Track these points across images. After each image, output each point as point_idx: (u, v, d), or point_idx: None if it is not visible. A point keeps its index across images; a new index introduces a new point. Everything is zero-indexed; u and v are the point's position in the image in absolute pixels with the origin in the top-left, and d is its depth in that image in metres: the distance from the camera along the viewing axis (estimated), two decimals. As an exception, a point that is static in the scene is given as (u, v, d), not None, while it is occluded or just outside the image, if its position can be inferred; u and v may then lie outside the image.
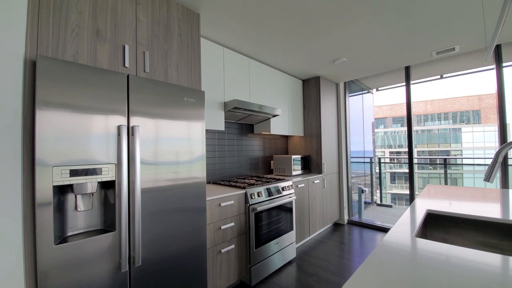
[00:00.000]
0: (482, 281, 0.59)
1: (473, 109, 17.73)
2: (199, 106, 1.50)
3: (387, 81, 3.86)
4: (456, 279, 0.60)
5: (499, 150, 0.84)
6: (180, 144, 1.40)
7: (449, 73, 3.32)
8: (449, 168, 13.81)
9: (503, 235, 1.09)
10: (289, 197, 2.41)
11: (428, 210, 1.26)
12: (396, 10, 1.78)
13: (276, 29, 2.00)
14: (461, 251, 0.75)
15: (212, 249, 1.74)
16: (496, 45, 2.48)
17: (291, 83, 3.22)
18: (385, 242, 0.84)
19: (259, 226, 2.07)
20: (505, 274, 0.62)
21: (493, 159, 0.85)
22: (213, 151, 2.47)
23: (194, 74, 1.62)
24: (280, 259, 2.31)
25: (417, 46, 2.42)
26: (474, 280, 0.59)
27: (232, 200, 1.88)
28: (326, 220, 3.32)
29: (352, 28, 2.03)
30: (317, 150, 3.27)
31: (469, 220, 1.18)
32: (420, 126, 19.68)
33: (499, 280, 0.59)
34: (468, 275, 0.62)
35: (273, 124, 2.81)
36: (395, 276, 0.62)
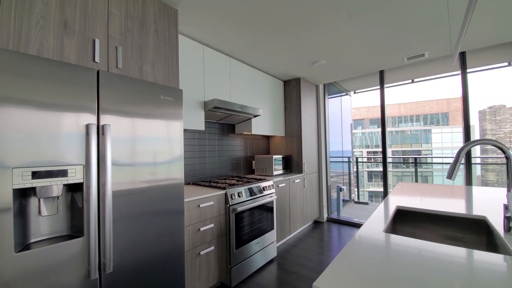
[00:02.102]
0: (445, 273, 0.63)
1: (442, 112, 19.11)
2: (176, 105, 1.46)
3: (364, 84, 4.03)
4: (420, 270, 0.63)
5: (460, 149, 0.91)
6: (156, 144, 1.35)
7: (420, 78, 3.54)
8: (420, 167, 14.79)
9: (467, 228, 1.18)
10: (270, 196, 2.43)
11: (397, 207, 1.33)
12: (371, 16, 1.86)
13: (256, 29, 2.00)
14: (419, 244, 0.80)
15: (191, 251, 1.70)
16: (461, 52, 2.69)
17: (273, 84, 3.25)
18: (356, 238, 0.87)
19: (239, 227, 2.06)
20: (470, 266, 0.66)
21: (454, 158, 0.91)
22: (193, 151, 2.42)
23: (172, 72, 1.57)
24: (261, 258, 2.31)
25: (390, 51, 2.55)
26: (431, 271, 0.63)
27: (212, 201, 1.86)
28: (306, 218, 3.39)
29: (330, 32, 2.09)
30: (297, 150, 3.33)
31: (436, 215, 1.26)
32: (394, 128, 20.84)
33: (464, 272, 0.63)
34: (423, 265, 0.66)
35: (255, 124, 2.81)
36: (364, 270, 0.64)
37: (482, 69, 3.06)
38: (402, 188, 1.87)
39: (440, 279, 0.59)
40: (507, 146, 0.87)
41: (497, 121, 16.69)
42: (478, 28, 2.09)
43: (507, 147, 0.85)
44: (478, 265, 0.66)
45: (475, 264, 0.67)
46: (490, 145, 0.84)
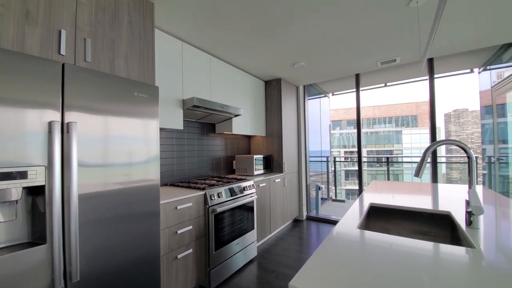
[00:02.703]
0: (414, 266, 0.66)
1: (412, 114, 20.50)
2: (152, 103, 1.39)
3: (342, 86, 4.18)
4: (392, 264, 0.66)
5: (426, 149, 0.97)
6: (130, 143, 1.28)
7: (392, 82, 3.75)
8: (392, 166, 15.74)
9: (433, 223, 1.26)
10: (250, 196, 2.42)
11: (371, 204, 1.39)
12: (348, 22, 1.93)
13: (236, 28, 1.98)
14: (391, 239, 0.84)
15: (167, 255, 1.64)
16: (430, 58, 2.89)
17: (254, 84, 3.24)
18: (331, 236, 0.89)
19: (219, 228, 2.03)
20: (436, 259, 0.70)
21: (421, 157, 0.97)
22: (170, 151, 2.33)
23: (147, 67, 1.50)
24: (241, 259, 2.30)
25: (365, 55, 2.67)
26: (396, 263, 0.66)
27: (190, 202, 1.80)
28: (287, 217, 3.43)
29: (309, 34, 2.13)
30: (278, 150, 3.36)
31: (405, 211, 1.33)
32: (369, 129, 21.98)
33: (431, 265, 0.67)
34: (394, 260, 0.69)
35: (235, 124, 2.79)
36: (338, 267, 0.65)
37: (448, 74, 3.31)
38: (375, 186, 1.96)
39: (410, 273, 0.62)
40: (468, 146, 0.94)
41: (460, 123, 18.26)
42: (444, 36, 2.25)
43: (469, 147, 0.92)
44: (444, 258, 0.71)
45: (441, 257, 0.71)
46: (454, 145, 0.91)
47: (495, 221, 1.03)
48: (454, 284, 0.57)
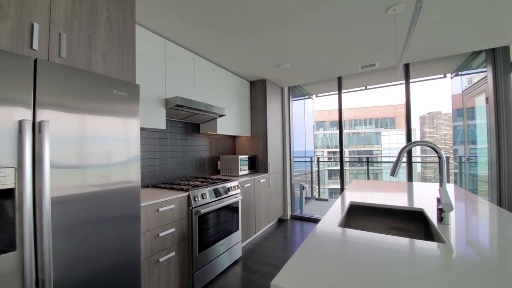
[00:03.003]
0: (390, 261, 0.69)
1: (390, 117, 21.51)
2: (132, 101, 1.35)
3: (325, 88, 4.30)
4: (370, 259, 0.69)
5: (401, 150, 1.02)
6: (108, 144, 1.23)
7: (372, 85, 3.91)
8: (372, 165, 16.39)
9: (408, 219, 1.33)
10: (235, 197, 2.41)
11: (351, 202, 1.44)
12: (330, 27, 1.99)
13: (222, 28, 1.97)
14: (369, 236, 0.88)
15: (148, 259, 1.59)
16: (406, 64, 3.04)
17: (239, 84, 3.24)
18: (313, 234, 0.91)
19: (203, 229, 2.00)
20: (411, 254, 0.74)
21: (397, 157, 1.02)
22: (152, 152, 2.27)
23: (127, 65, 1.45)
24: (225, 260, 2.28)
25: (346, 59, 2.76)
26: (376, 258, 0.69)
27: (173, 204, 1.76)
28: (271, 217, 3.46)
29: (294, 37, 2.17)
30: (263, 150, 3.38)
31: (383, 208, 1.39)
32: (351, 130, 22.76)
33: (406, 259, 0.70)
34: (373, 255, 0.72)
35: (220, 124, 2.77)
36: (320, 264, 0.67)
37: (423, 79, 3.51)
38: (356, 185, 2.03)
39: (386, 267, 0.65)
40: (439, 147, 1.00)
41: (434, 125, 19.43)
42: (419, 43, 2.39)
43: (439, 148, 0.98)
44: (417, 252, 0.75)
45: (414, 252, 0.75)
46: (426, 146, 0.97)
47: (465, 217, 1.11)
48: (426, 277, 0.61)
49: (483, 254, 0.73)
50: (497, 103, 2.50)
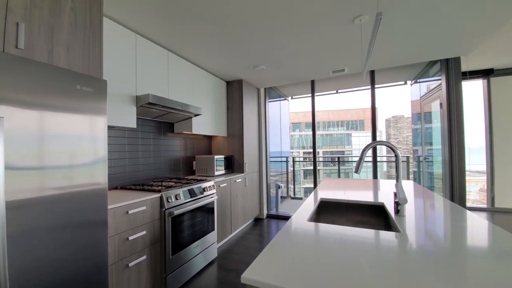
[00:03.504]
0: (353, 250, 0.75)
1: (359, 119, 22.90)
2: (99, 98, 1.28)
3: (300, 91, 4.45)
4: (336, 249, 0.74)
5: (363, 149, 1.11)
6: (71, 142, 1.15)
7: (342, 89, 4.14)
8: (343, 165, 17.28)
9: (372, 213, 1.44)
10: (210, 197, 2.39)
11: (321, 199, 1.52)
12: (302, 33, 2.07)
13: (197, 28, 1.94)
14: (335, 228, 0.94)
15: (117, 264, 1.52)
16: (371, 70, 3.27)
17: (215, 83, 3.21)
18: (283, 229, 0.95)
19: (177, 231, 1.95)
20: (371, 243, 0.81)
21: (359, 156, 1.10)
22: (122, 152, 2.16)
23: (93, 59, 1.37)
24: (201, 261, 2.25)
25: (318, 64, 2.89)
26: (342, 248, 0.75)
27: (144, 205, 1.70)
28: (248, 216, 3.48)
29: (268, 40, 2.21)
30: (239, 150, 3.39)
31: (349, 204, 1.49)
32: (325, 131, 23.75)
33: (368, 248, 0.77)
34: (337, 246, 0.78)
35: (195, 124, 2.72)
36: (288, 255, 0.71)
37: (387, 85, 3.80)
38: (326, 183, 2.14)
39: (349, 255, 0.71)
40: (402, 147, 1.10)
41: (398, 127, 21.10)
42: (383, 52, 2.58)
43: (396, 148, 1.08)
44: (377, 241, 0.82)
45: (375, 241, 0.83)
46: (384, 146, 1.06)
47: (418, 210, 1.23)
48: (384, 261, 0.67)
49: (432, 240, 0.83)
50: (449, 108, 2.80)
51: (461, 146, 2.74)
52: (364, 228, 0.94)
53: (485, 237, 0.86)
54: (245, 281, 0.61)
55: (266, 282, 0.58)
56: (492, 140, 3.99)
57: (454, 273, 0.61)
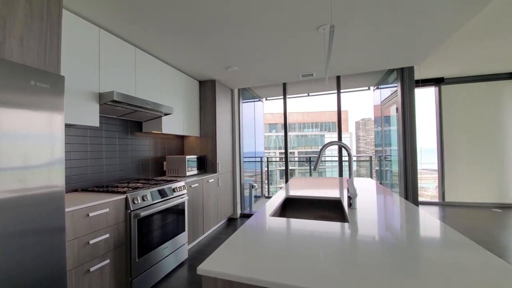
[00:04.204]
0: (311, 241, 0.82)
1: (332, 121, 24.02)
2: (55, 94, 1.21)
3: (273, 92, 4.55)
4: (293, 241, 0.81)
5: (320, 149, 1.20)
6: (23, 142, 1.08)
7: (313, 92, 4.33)
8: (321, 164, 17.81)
9: (332, 208, 1.55)
10: (181, 198, 2.36)
11: (286, 196, 1.60)
12: (271, 38, 2.16)
13: (166, 27, 1.92)
14: (294, 222, 1.02)
15: (77, 269, 1.44)
16: (338, 76, 3.48)
17: (188, 83, 3.17)
18: (244, 224, 1.00)
19: (144, 233, 1.90)
20: (325, 232, 0.89)
21: (317, 155, 1.20)
22: (83, 152, 2.04)
23: (50, 53, 1.29)
24: (170, 263, 2.21)
25: (288, 68, 3.01)
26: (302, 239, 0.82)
27: (107, 207, 1.64)
28: (221, 216, 3.49)
29: (237, 43, 2.26)
30: (212, 151, 3.38)
31: (312, 200, 1.59)
32: (300, 132, 24.53)
33: (324, 238, 0.84)
34: (295, 237, 0.85)
35: (165, 123, 2.66)
36: (245, 247, 0.76)
37: (352, 90, 4.07)
38: (296, 182, 2.25)
39: (304, 245, 0.78)
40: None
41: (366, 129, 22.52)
42: (346, 59, 2.78)
43: (349, 147, 1.20)
44: (333, 231, 0.90)
45: (331, 231, 0.91)
46: (338, 145, 1.16)
47: (369, 203, 1.36)
48: (334, 246, 0.75)
49: (374, 229, 0.93)
50: (404, 112, 3.09)
51: (413, 147, 3.04)
52: (319, 221, 1.03)
53: (419, 226, 0.99)
54: (201, 272, 0.64)
55: (219, 271, 0.62)
56: (442, 142, 4.48)
57: (390, 257, 0.70)
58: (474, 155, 4.31)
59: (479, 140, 4.30)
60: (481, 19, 2.23)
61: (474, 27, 2.40)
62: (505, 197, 4.16)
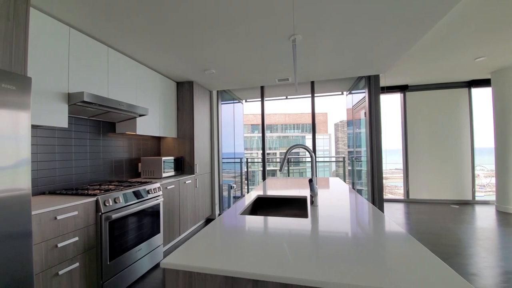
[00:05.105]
0: (277, 235, 0.91)
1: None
2: (22, 96, 1.19)
3: (253, 95, 4.66)
4: (258, 236, 0.89)
5: (286, 151, 1.31)
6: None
7: (291, 96, 4.50)
8: (297, 165, 18.35)
9: (301, 206, 1.66)
10: (155, 199, 2.36)
11: (258, 195, 1.69)
12: (248, 44, 2.24)
13: (139, 26, 1.93)
14: (260, 219, 1.10)
15: (44, 273, 1.41)
16: (312, 81, 3.66)
17: (164, 84, 3.16)
18: (213, 222, 1.07)
19: (115, 236, 1.89)
20: (302, 229, 0.98)
21: (283, 157, 1.30)
22: (51, 153, 1.98)
23: (17, 53, 1.27)
24: (145, 265, 2.20)
25: (265, 72, 3.12)
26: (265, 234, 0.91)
27: (76, 210, 1.61)
28: (198, 217, 3.50)
29: (213, 47, 2.32)
30: (190, 152, 3.39)
31: (282, 198, 1.70)
32: (282, 133, 24.93)
33: (285, 231, 0.93)
34: (260, 233, 0.93)
35: (141, 124, 2.64)
36: (209, 244, 0.82)
37: (325, 94, 4.29)
38: (271, 182, 2.35)
39: (264, 239, 0.86)
40: (311, 149, 1.33)
41: (344, 131, 23.50)
42: (319, 67, 2.94)
43: (311, 150, 1.31)
44: (296, 226, 1.00)
45: (295, 226, 1.00)
46: (302, 148, 1.27)
47: (332, 200, 1.49)
48: (289, 238, 0.84)
49: (332, 223, 1.05)
50: (371, 117, 3.34)
51: (379, 148, 3.29)
52: (281, 217, 1.13)
53: (371, 220, 1.13)
54: (164, 265, 0.70)
55: (180, 264, 0.69)
56: (407, 144, 4.86)
57: (339, 247, 0.81)
58: (435, 156, 4.73)
59: (439, 142, 4.72)
60: (438, 34, 2.49)
61: (432, 41, 2.67)
62: (461, 194, 4.61)
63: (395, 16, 1.82)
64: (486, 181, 6.15)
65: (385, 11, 1.75)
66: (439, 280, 0.57)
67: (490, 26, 2.36)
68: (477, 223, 3.39)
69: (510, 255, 2.41)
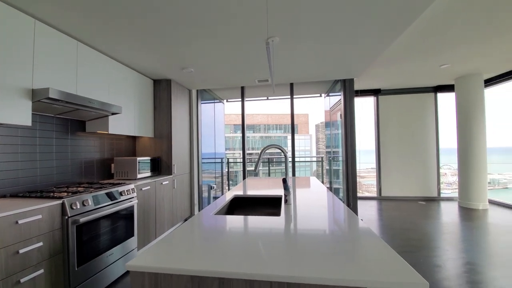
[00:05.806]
0: (252, 234, 0.92)
1: (294, 124, 25.34)
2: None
3: (234, 95, 4.65)
4: (227, 231, 0.90)
5: (260, 151, 1.33)
6: None
7: (271, 97, 4.56)
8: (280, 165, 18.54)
9: (276, 204, 1.70)
10: (129, 201, 2.28)
11: (234, 195, 1.70)
12: (227, 46, 2.24)
13: (111, 21, 1.85)
14: (234, 218, 1.12)
15: (5, 281, 1.31)
16: (291, 83, 3.74)
17: (140, 81, 3.06)
18: (185, 223, 1.06)
19: (84, 240, 1.80)
20: (273, 227, 1.00)
21: (257, 157, 1.32)
22: (13, 153, 1.83)
23: (-33, 46, 1.16)
24: (117, 270, 2.12)
25: (244, 73, 3.14)
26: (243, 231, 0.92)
27: (40, 214, 1.51)
28: (176, 219, 3.43)
29: (191, 45, 2.29)
30: (167, 152, 3.31)
31: (259, 198, 1.72)
32: (265, 133, 25.13)
33: (258, 229, 0.95)
34: (232, 232, 0.94)
35: (113, 123, 2.53)
36: (176, 244, 0.82)
37: (304, 96, 4.41)
38: (250, 182, 2.36)
39: (233, 238, 0.87)
40: (284, 148, 1.37)
41: (323, 132, 24.27)
42: (296, 69, 3.01)
43: (285, 150, 1.35)
44: (268, 224, 1.02)
45: (266, 225, 1.02)
46: (276, 148, 1.31)
47: (304, 199, 1.54)
48: (268, 235, 0.86)
49: (303, 220, 1.09)
50: (346, 118, 3.48)
51: (353, 149, 3.45)
52: (255, 216, 1.15)
53: (340, 217, 1.18)
54: (129, 268, 0.69)
55: (146, 265, 0.68)
56: (379, 144, 5.13)
57: (308, 243, 0.84)
58: (404, 156, 5.05)
59: (408, 143, 5.04)
60: (407, 41, 2.67)
61: (402, 48, 2.85)
62: (428, 192, 4.96)
63: (368, 23, 1.93)
64: (452, 179, 6.65)
65: (357, 19, 1.85)
66: (395, 271, 0.62)
67: (452, 36, 2.57)
68: (441, 218, 3.67)
69: (470, 247, 2.64)
